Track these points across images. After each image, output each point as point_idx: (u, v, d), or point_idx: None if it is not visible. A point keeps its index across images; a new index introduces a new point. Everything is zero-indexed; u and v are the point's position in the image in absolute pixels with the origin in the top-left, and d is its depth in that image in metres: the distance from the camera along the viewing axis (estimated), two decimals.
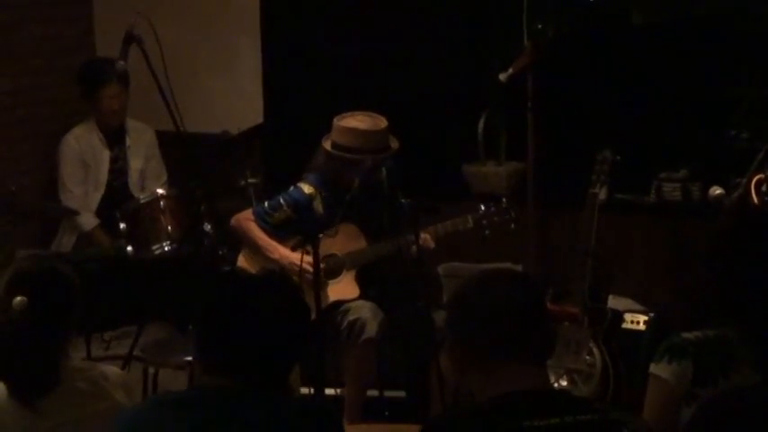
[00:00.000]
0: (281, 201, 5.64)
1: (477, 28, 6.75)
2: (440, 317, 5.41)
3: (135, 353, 5.54)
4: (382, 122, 5.58)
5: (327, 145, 5.59)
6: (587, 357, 5.63)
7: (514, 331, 2.89)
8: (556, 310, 5.59)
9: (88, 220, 6.77)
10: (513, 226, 5.74)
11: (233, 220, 5.76)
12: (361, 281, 5.64)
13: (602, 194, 5.86)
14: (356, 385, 5.56)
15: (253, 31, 7.24)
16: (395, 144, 5.60)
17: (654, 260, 6.36)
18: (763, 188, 5.49)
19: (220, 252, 5.78)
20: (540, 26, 6.31)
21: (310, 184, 5.64)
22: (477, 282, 3.02)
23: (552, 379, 5.49)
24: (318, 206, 5.54)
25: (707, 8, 6.26)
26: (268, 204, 5.69)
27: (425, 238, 5.52)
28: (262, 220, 5.67)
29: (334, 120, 5.60)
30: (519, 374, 2.87)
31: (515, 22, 6.39)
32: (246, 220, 5.71)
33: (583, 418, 2.80)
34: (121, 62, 5.99)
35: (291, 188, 5.68)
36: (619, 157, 5.81)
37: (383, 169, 5.46)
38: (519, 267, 6.28)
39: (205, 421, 2.91)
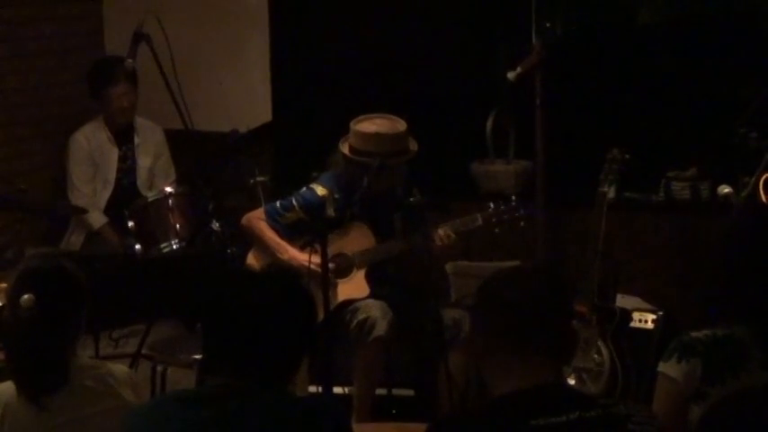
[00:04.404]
0: (294, 201, 5.63)
1: (485, 27, 6.75)
2: (448, 316, 5.42)
3: (143, 351, 5.55)
4: (401, 125, 5.56)
5: (345, 149, 5.58)
6: (595, 356, 5.63)
7: (537, 328, 2.89)
8: None
9: (97, 219, 6.77)
10: (522, 224, 5.74)
11: (244, 220, 5.75)
12: (371, 280, 5.64)
13: (611, 193, 5.86)
14: (365, 384, 5.55)
15: (262, 29, 7.24)
16: (414, 146, 5.60)
17: (662, 259, 6.36)
18: None
19: (229, 250, 5.79)
20: (548, 24, 6.30)
21: (324, 185, 5.62)
22: (507, 275, 3.03)
23: None
24: (330, 208, 5.52)
25: (714, 7, 6.26)
26: (280, 204, 5.68)
27: (447, 232, 5.52)
28: (273, 219, 5.66)
29: (351, 123, 5.59)
30: (534, 372, 2.87)
31: (524, 20, 6.39)
32: (257, 219, 5.70)
33: (588, 414, 2.80)
34: (130, 60, 6.01)
35: (304, 189, 5.66)
36: (628, 156, 5.81)
37: (399, 175, 5.49)
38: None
39: (211, 420, 2.91)
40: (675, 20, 6.36)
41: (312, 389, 5.41)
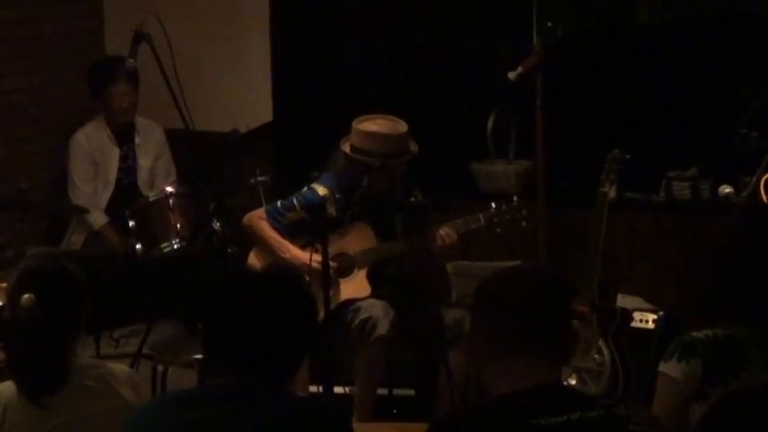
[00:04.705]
0: (295, 201, 5.63)
1: (486, 26, 6.75)
2: (449, 315, 5.42)
3: (144, 351, 5.55)
4: (402, 126, 5.57)
5: (346, 147, 5.58)
6: (596, 356, 5.63)
7: (536, 329, 2.88)
8: None
9: (97, 219, 6.77)
10: (524, 224, 5.75)
11: (245, 219, 5.75)
12: (373, 279, 5.64)
13: (612, 193, 5.86)
14: (367, 384, 5.55)
15: (262, 28, 7.23)
16: (414, 148, 5.60)
17: (663, 259, 6.35)
18: None
19: (229, 250, 5.79)
20: (549, 24, 6.30)
21: (325, 185, 5.62)
22: (505, 276, 3.02)
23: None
24: (331, 208, 5.52)
25: (714, 7, 6.26)
26: (281, 204, 5.68)
27: (448, 232, 5.54)
28: (274, 219, 5.66)
29: (354, 122, 5.59)
30: (532, 371, 2.86)
31: (525, 20, 6.38)
32: (258, 219, 5.70)
33: (589, 414, 2.80)
34: (131, 60, 6.00)
35: (305, 189, 5.66)
36: (628, 156, 5.81)
37: (399, 176, 5.50)
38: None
39: (211, 420, 2.91)
40: (676, 20, 6.35)
41: (313, 389, 5.41)
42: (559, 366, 2.96)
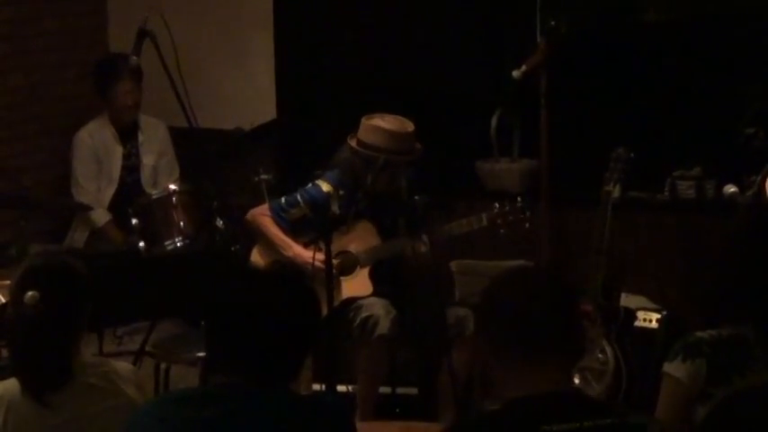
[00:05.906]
0: (299, 198, 5.63)
1: (490, 25, 6.74)
2: (452, 314, 5.42)
3: (147, 349, 5.55)
4: (409, 126, 5.57)
5: (353, 142, 5.58)
6: (600, 355, 5.62)
7: (543, 333, 2.85)
8: None
9: (101, 216, 6.77)
10: (527, 225, 5.74)
11: (248, 215, 5.75)
12: (375, 278, 5.63)
13: (616, 192, 5.85)
14: (368, 382, 5.55)
15: (266, 26, 7.23)
16: (419, 147, 5.60)
17: (667, 258, 6.34)
18: None
19: (233, 248, 5.79)
20: (553, 23, 6.29)
21: (329, 182, 5.62)
22: (510, 279, 2.99)
23: None
24: (335, 206, 5.51)
25: (720, 6, 6.25)
26: (285, 201, 5.67)
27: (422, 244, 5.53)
28: (278, 216, 5.66)
29: (363, 119, 5.59)
30: (543, 376, 2.84)
31: (529, 18, 6.38)
32: (262, 215, 5.70)
33: (602, 422, 2.77)
34: (135, 58, 5.99)
35: (309, 185, 5.66)
36: (633, 155, 5.80)
37: (403, 175, 5.50)
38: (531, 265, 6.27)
39: (214, 419, 2.91)
40: (681, 18, 6.34)
41: (316, 387, 5.41)
42: (570, 370, 2.94)
